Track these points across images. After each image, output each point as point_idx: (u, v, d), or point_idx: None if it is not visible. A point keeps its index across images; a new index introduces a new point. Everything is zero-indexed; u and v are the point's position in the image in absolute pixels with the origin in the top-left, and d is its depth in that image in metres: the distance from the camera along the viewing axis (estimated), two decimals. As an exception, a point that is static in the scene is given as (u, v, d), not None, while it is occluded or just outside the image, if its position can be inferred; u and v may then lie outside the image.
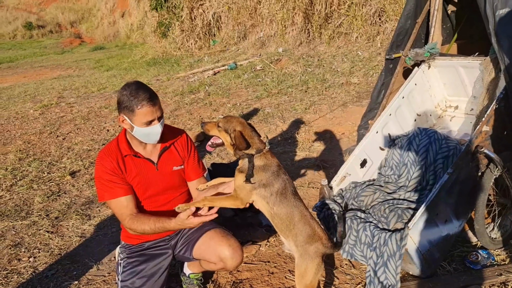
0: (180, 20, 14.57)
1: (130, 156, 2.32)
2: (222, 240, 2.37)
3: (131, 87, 2.15)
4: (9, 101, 10.13)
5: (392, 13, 9.37)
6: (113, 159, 2.28)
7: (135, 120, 2.17)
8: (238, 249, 2.36)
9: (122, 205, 2.28)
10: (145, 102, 2.13)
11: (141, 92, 2.14)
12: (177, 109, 7.69)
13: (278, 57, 10.50)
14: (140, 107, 2.13)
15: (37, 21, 34.96)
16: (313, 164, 4.53)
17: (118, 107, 2.21)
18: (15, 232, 3.82)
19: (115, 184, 2.26)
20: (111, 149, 2.31)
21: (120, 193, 2.27)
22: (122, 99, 2.16)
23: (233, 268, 2.39)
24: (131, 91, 2.13)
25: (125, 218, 2.27)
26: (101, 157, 2.30)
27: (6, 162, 5.67)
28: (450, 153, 2.86)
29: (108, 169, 2.26)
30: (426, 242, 2.45)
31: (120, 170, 2.28)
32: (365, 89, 7.04)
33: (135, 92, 2.13)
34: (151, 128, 2.21)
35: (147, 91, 2.16)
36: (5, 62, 20.26)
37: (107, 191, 2.27)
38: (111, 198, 2.28)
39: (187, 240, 2.51)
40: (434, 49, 3.33)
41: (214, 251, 2.36)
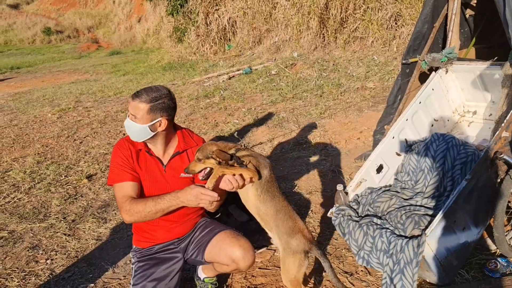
0: (195, 25, 14.68)
1: (143, 151, 2.40)
2: (233, 241, 2.38)
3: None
4: (28, 105, 10.31)
5: (408, 17, 9.30)
6: (129, 147, 2.38)
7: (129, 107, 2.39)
8: (249, 249, 2.37)
9: (126, 189, 2.29)
10: (132, 96, 2.32)
11: (144, 88, 2.33)
12: (192, 113, 7.73)
13: (293, 62, 10.50)
14: (130, 99, 2.33)
15: (55, 26, 35.60)
16: (328, 169, 4.51)
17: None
18: (33, 234, 3.87)
19: (124, 168, 2.32)
20: (127, 141, 2.42)
21: (127, 178, 2.31)
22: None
23: (246, 268, 2.38)
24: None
25: (125, 201, 2.24)
26: (120, 143, 2.42)
27: (25, 165, 5.77)
28: (468, 159, 2.82)
29: (122, 154, 2.36)
30: (444, 250, 2.41)
31: (132, 159, 2.36)
32: (381, 94, 6.99)
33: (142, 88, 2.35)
34: (125, 121, 2.37)
35: (148, 89, 2.32)
36: (24, 67, 20.65)
37: (116, 174, 2.33)
38: (117, 181, 2.31)
39: (198, 244, 2.52)
40: (452, 54, 3.29)
41: (226, 252, 2.37)
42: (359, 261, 2.67)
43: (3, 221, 4.16)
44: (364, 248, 2.66)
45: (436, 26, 3.65)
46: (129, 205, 2.22)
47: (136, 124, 2.29)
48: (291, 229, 2.24)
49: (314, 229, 3.40)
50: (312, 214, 3.68)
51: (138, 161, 2.37)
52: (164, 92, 2.31)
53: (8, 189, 4.97)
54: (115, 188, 2.34)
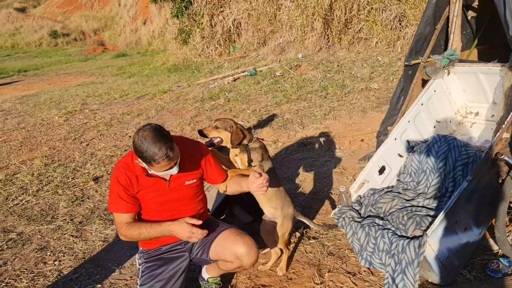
0: (200, 27, 14.76)
1: (141, 175, 2.36)
2: (237, 239, 2.42)
3: (148, 140, 2.09)
4: (35, 108, 10.42)
5: (412, 18, 9.31)
6: (127, 175, 2.32)
7: (152, 169, 2.20)
8: (253, 246, 2.41)
9: (123, 219, 2.38)
10: (161, 159, 2.11)
11: (158, 146, 2.08)
12: (197, 115, 7.79)
13: (298, 63, 10.53)
14: (158, 163, 2.12)
15: (62, 29, 35.86)
16: (331, 170, 4.54)
17: (134, 149, 2.19)
18: (41, 236, 3.94)
19: (123, 200, 2.34)
20: (127, 164, 2.35)
21: (125, 210, 2.36)
22: (140, 149, 2.11)
23: (250, 265, 2.43)
24: (149, 144, 2.08)
25: (121, 226, 2.37)
26: (117, 170, 2.35)
27: (32, 168, 5.84)
28: (470, 160, 2.84)
29: (120, 184, 2.33)
30: (445, 250, 2.44)
31: (132, 187, 2.34)
32: (385, 95, 7.01)
33: (153, 147, 2.08)
34: (169, 171, 2.25)
35: (163, 145, 2.10)
36: (31, 70, 20.82)
37: (115, 205, 2.36)
38: (116, 211, 2.38)
39: (203, 243, 2.56)
40: (454, 56, 3.31)
41: (230, 249, 2.41)
42: (362, 262, 2.70)
43: (12, 223, 4.23)
44: (367, 249, 2.69)
45: (438, 28, 3.67)
46: (125, 231, 2.36)
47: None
48: (289, 202, 2.88)
49: (318, 230, 3.43)
50: (316, 215, 3.71)
51: (138, 184, 2.35)
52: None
53: (16, 191, 5.05)
54: (114, 214, 2.42)
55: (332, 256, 3.07)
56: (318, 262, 3.01)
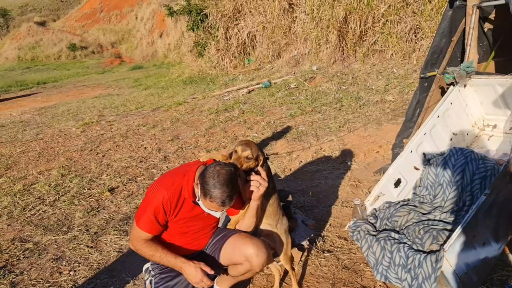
0: (215, 39, 14.91)
1: (188, 200, 2.38)
2: (246, 240, 2.44)
3: (219, 179, 2.15)
4: (53, 119, 10.60)
5: (428, 30, 9.26)
6: (171, 196, 2.32)
7: (202, 201, 2.24)
8: (262, 247, 2.42)
9: (144, 236, 2.38)
10: (218, 201, 2.17)
11: (223, 190, 2.15)
12: (212, 127, 7.83)
13: (312, 75, 10.55)
14: (211, 201, 2.18)
15: (80, 42, 36.61)
16: (347, 183, 4.51)
17: (200, 174, 2.26)
18: (57, 246, 3.97)
19: (155, 222, 2.33)
20: (175, 185, 2.35)
21: (152, 231, 2.37)
22: (206, 179, 2.18)
23: (259, 266, 2.41)
24: (217, 183, 2.15)
25: (139, 241, 2.39)
26: (161, 187, 2.34)
27: (49, 178, 5.93)
28: (488, 173, 2.80)
29: (163, 206, 2.32)
30: (463, 265, 2.39)
31: (172, 211, 2.35)
32: (400, 107, 6.96)
33: (220, 187, 2.14)
34: (211, 211, 2.30)
35: (226, 191, 2.16)
36: (50, 82, 21.23)
37: (146, 224, 2.34)
38: (142, 230, 2.35)
39: (213, 248, 2.60)
40: (470, 68, 3.28)
41: (239, 251, 2.43)
42: (377, 276, 2.66)
43: (28, 233, 4.28)
44: (382, 263, 2.65)
45: (454, 40, 3.65)
46: (140, 246, 2.40)
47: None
48: (285, 218, 2.89)
49: (333, 243, 3.39)
50: (331, 228, 3.68)
51: (178, 207, 2.37)
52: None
53: (33, 201, 5.12)
54: (139, 231, 2.38)
55: (347, 270, 3.03)
56: (332, 276, 2.98)
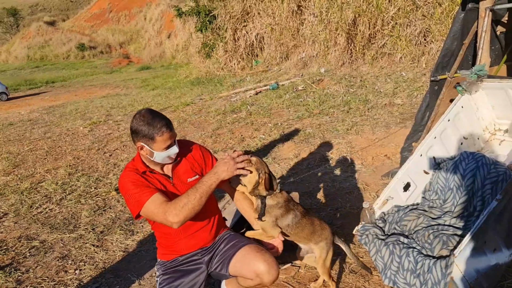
0: (224, 41, 14.93)
1: (147, 171, 2.39)
2: (257, 256, 2.37)
3: (147, 117, 2.25)
4: (61, 118, 10.66)
5: (438, 33, 9.21)
6: (136, 173, 2.35)
7: (155, 147, 2.27)
8: (273, 264, 2.36)
9: (155, 202, 2.22)
10: (164, 129, 2.24)
11: (158, 120, 2.25)
12: (219, 128, 7.82)
13: (320, 77, 10.51)
14: (160, 135, 2.23)
15: (89, 42, 36.84)
16: (354, 186, 4.47)
17: (134, 136, 2.30)
18: (63, 244, 3.98)
19: (141, 189, 2.26)
20: (129, 170, 2.38)
21: (150, 193, 2.24)
22: (140, 128, 2.25)
23: (270, 283, 2.37)
24: (148, 120, 2.23)
25: (164, 208, 2.20)
26: (123, 177, 2.36)
27: (57, 177, 5.95)
28: (499, 178, 2.75)
29: (132, 180, 2.31)
30: (473, 271, 2.35)
31: (144, 179, 2.34)
32: (409, 111, 6.91)
33: (152, 121, 2.23)
34: (170, 150, 2.31)
35: (162, 119, 2.27)
36: (58, 81, 21.36)
37: (138, 199, 2.24)
38: (144, 203, 2.23)
39: (223, 257, 2.53)
40: (482, 71, 3.23)
41: (250, 266, 2.36)
42: (386, 281, 2.62)
43: (35, 231, 4.29)
44: (391, 267, 2.61)
45: (465, 43, 3.60)
46: (173, 207, 2.19)
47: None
48: (325, 233, 2.62)
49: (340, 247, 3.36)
50: (338, 231, 3.64)
51: (148, 181, 2.36)
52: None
53: (40, 199, 5.13)
54: (146, 210, 2.25)
55: (354, 274, 3.00)
56: (339, 280, 2.94)
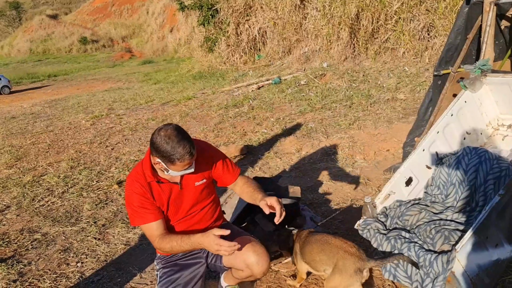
0: (226, 35, 14.89)
1: (153, 182, 2.35)
2: (248, 247, 2.37)
3: (173, 139, 2.11)
4: (63, 112, 10.67)
5: (441, 28, 9.15)
6: (140, 183, 2.31)
7: (173, 168, 2.19)
8: (263, 255, 2.36)
9: (152, 229, 2.34)
10: (186, 156, 2.13)
11: (183, 145, 2.12)
12: (221, 122, 7.81)
13: (323, 72, 10.48)
14: (181, 161, 2.13)
15: (91, 36, 36.80)
16: (356, 181, 4.46)
17: (153, 150, 2.18)
18: (65, 237, 3.99)
19: (145, 210, 2.31)
20: (138, 174, 2.34)
21: (150, 219, 2.32)
22: (162, 148, 2.12)
23: (260, 274, 2.38)
24: (173, 144, 2.10)
25: (154, 239, 2.35)
26: (130, 183, 2.34)
27: (59, 170, 5.96)
28: (502, 174, 2.74)
29: (138, 194, 2.30)
30: (475, 266, 2.34)
31: (150, 194, 2.32)
32: (411, 106, 6.88)
33: (177, 146, 2.11)
34: (186, 170, 2.24)
35: (187, 144, 2.14)
36: (61, 75, 21.36)
37: (138, 217, 2.32)
38: (143, 224, 2.34)
39: None
40: (486, 66, 3.21)
41: (241, 257, 2.37)
42: (385, 275, 2.62)
43: (37, 224, 4.30)
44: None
45: (469, 38, 3.58)
46: (158, 244, 2.35)
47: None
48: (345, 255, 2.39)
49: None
50: (340, 225, 3.64)
51: (152, 193, 2.34)
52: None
53: (42, 192, 5.14)
54: (141, 228, 2.40)
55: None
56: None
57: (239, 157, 5.74)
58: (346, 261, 2.36)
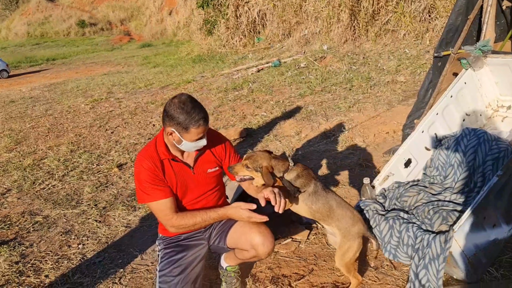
0: (225, 17, 14.74)
1: (167, 160, 2.34)
2: (253, 228, 2.39)
3: (187, 105, 2.13)
4: (62, 96, 10.63)
5: (442, 9, 9.06)
6: (152, 161, 2.30)
7: (187, 137, 2.18)
8: (268, 236, 2.38)
9: (165, 206, 2.32)
10: (201, 122, 2.15)
11: (197, 111, 2.14)
12: (220, 105, 7.79)
13: (323, 55, 10.41)
14: (196, 127, 2.14)
15: (89, 19, 36.42)
16: (355, 163, 4.47)
17: (168, 120, 2.18)
18: (66, 220, 4.01)
19: (155, 186, 2.29)
20: (150, 151, 2.33)
21: (161, 196, 2.30)
22: (177, 116, 2.13)
23: (265, 255, 2.40)
24: (188, 109, 2.12)
25: (171, 217, 2.32)
26: (140, 160, 2.32)
27: (59, 154, 5.96)
28: (501, 155, 2.74)
29: (148, 171, 2.28)
30: (472, 246, 2.37)
31: (160, 171, 2.31)
32: (411, 88, 6.86)
33: (192, 111, 2.12)
34: (199, 142, 2.24)
35: (201, 111, 2.16)
36: (59, 59, 21.22)
37: (148, 194, 2.30)
38: (151, 201, 2.31)
39: (220, 230, 2.57)
40: (487, 47, 3.19)
41: (246, 238, 2.39)
42: (386, 254, 2.65)
43: (38, 207, 4.32)
44: (391, 242, 2.64)
45: (470, 18, 3.54)
46: (177, 221, 2.33)
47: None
48: (351, 219, 2.45)
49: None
50: (338, 207, 3.66)
51: (164, 171, 2.33)
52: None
53: (43, 176, 5.16)
54: (150, 205, 2.35)
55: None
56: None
57: (238, 140, 5.74)
58: (353, 228, 2.45)
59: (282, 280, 2.79)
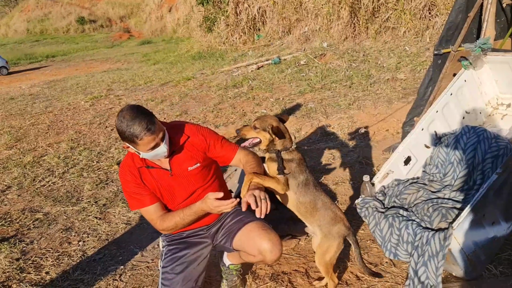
0: (225, 14, 14.72)
1: (143, 168, 2.34)
2: (262, 234, 2.37)
3: (126, 117, 2.06)
4: (62, 93, 10.63)
5: (443, 6, 9.05)
6: (129, 170, 2.33)
7: (139, 148, 2.15)
8: (277, 243, 2.35)
9: (150, 212, 2.37)
10: (143, 133, 2.07)
11: (137, 122, 2.06)
12: (220, 102, 7.79)
13: (323, 52, 10.41)
14: (140, 139, 2.08)
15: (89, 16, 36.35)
16: (355, 160, 4.48)
17: (118, 134, 2.14)
18: (66, 217, 4.02)
19: (140, 195, 2.34)
20: (128, 161, 2.35)
21: (147, 202, 2.35)
22: (122, 130, 2.09)
23: (272, 262, 2.39)
24: (128, 122, 2.06)
25: (156, 222, 2.38)
26: (122, 172, 2.36)
27: (59, 151, 5.97)
28: (500, 152, 2.75)
29: (129, 182, 2.33)
30: (471, 244, 2.38)
31: (139, 179, 2.33)
32: (411, 85, 6.86)
33: (132, 123, 2.05)
34: (156, 150, 2.19)
35: (143, 119, 2.07)
36: (59, 56, 21.18)
37: (135, 202, 2.36)
38: (139, 208, 2.37)
39: (228, 231, 2.54)
40: (486, 45, 3.19)
41: (254, 243, 2.37)
42: (386, 253, 2.65)
43: (38, 204, 4.33)
44: (391, 240, 2.64)
45: (470, 16, 3.54)
46: (161, 225, 2.36)
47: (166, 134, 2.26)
48: (332, 219, 2.41)
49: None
50: (339, 204, 3.67)
51: (142, 179, 2.34)
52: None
53: (43, 173, 5.17)
54: (141, 211, 2.41)
55: (353, 246, 3.03)
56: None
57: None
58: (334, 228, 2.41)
59: (282, 277, 2.81)
